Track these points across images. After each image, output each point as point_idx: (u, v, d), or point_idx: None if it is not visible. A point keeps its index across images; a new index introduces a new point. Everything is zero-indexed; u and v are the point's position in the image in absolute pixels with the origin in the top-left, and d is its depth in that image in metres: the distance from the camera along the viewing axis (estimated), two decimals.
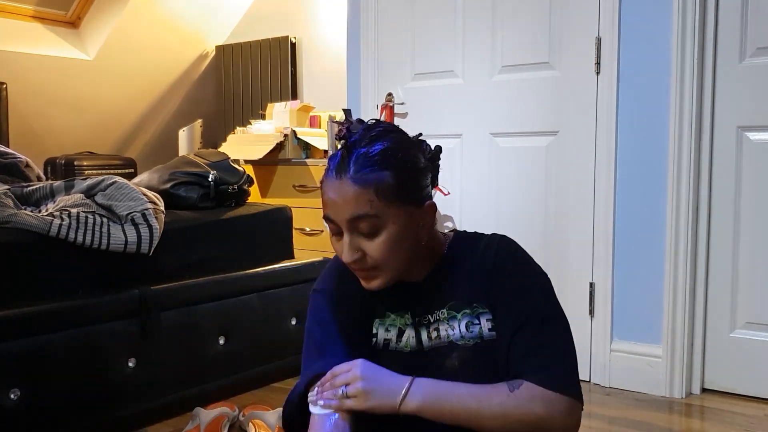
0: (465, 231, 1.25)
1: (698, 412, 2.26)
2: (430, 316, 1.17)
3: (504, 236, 1.19)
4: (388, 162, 1.07)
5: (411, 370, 1.14)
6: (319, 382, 1.09)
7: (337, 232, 1.11)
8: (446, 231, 1.24)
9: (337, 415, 1.05)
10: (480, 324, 1.14)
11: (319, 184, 1.14)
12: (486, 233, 1.22)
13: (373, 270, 1.10)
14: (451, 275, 1.18)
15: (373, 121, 1.14)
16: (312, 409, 1.08)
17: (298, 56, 4.60)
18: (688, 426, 2.17)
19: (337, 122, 1.16)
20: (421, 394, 1.06)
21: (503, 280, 1.13)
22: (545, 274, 1.17)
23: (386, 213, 1.07)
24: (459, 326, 1.14)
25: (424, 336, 1.17)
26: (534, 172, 2.62)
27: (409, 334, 1.18)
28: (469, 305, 1.15)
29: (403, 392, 1.05)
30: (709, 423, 2.16)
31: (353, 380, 1.05)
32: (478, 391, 1.06)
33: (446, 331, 1.15)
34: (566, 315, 1.17)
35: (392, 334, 1.18)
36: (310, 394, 1.09)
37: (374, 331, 1.20)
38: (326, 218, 1.11)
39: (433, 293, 1.18)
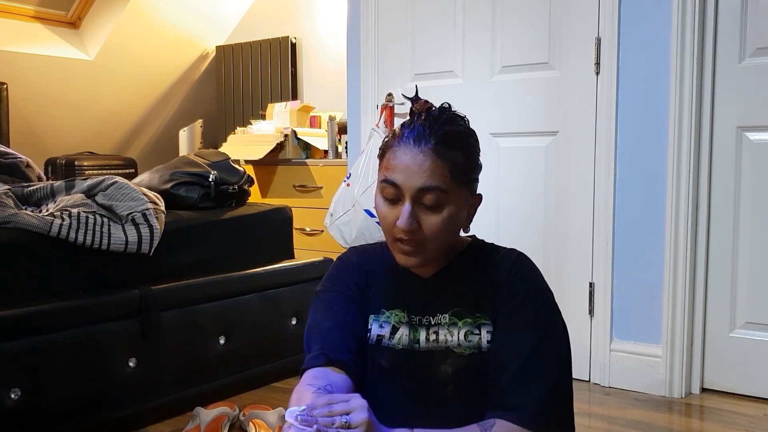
0: (483, 240, 1.25)
1: (698, 412, 2.26)
2: (431, 317, 1.16)
3: (521, 253, 1.19)
4: (464, 144, 1.13)
5: (403, 368, 1.14)
6: (308, 405, 0.96)
7: (393, 198, 1.10)
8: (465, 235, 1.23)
9: None
10: (480, 335, 1.13)
11: (381, 150, 1.14)
12: (504, 246, 1.22)
13: (418, 246, 1.10)
14: (459, 281, 1.17)
15: (447, 104, 1.17)
16: (295, 426, 0.95)
17: (298, 56, 4.60)
18: (687, 426, 2.17)
19: (410, 98, 1.17)
20: None
21: (510, 296, 1.12)
22: (555, 303, 1.16)
23: (453, 191, 1.10)
24: (458, 334, 1.14)
25: (422, 336, 1.16)
26: (534, 172, 2.62)
27: (403, 332, 1.17)
28: (472, 315, 1.14)
29: None
30: (708, 423, 2.16)
31: (357, 409, 0.94)
32: None
33: (445, 336, 1.15)
34: (565, 316, 1.16)
35: (386, 331, 1.18)
36: (293, 410, 0.96)
37: (369, 326, 1.19)
38: (389, 182, 1.09)
39: (437, 294, 1.17)
